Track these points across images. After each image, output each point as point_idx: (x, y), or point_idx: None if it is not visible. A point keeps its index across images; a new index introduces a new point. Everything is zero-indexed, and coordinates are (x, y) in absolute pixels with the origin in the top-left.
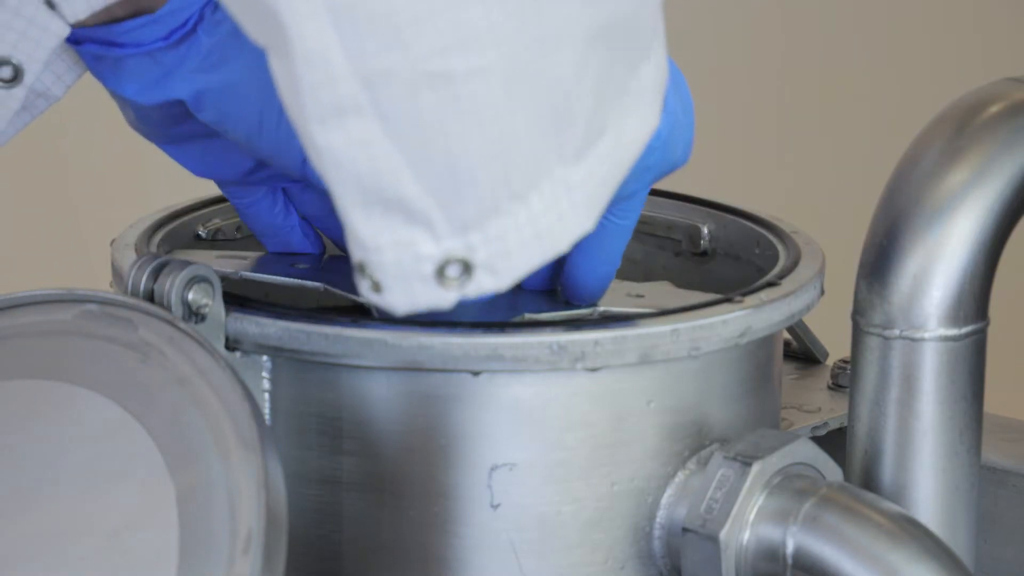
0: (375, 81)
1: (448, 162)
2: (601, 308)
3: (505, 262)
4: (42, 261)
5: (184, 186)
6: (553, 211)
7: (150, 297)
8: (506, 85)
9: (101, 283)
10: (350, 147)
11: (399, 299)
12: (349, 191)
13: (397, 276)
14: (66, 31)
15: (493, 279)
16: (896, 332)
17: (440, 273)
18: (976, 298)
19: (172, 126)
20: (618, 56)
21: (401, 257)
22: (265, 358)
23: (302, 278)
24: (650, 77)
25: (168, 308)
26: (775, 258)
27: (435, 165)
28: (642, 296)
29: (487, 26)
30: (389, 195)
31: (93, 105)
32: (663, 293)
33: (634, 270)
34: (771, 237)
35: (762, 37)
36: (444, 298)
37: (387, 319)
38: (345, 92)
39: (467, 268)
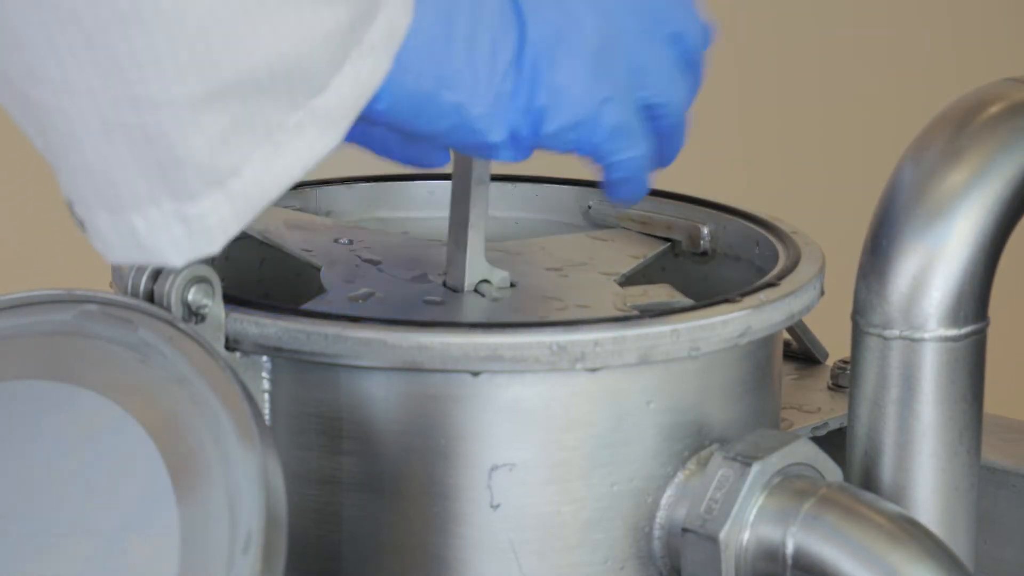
0: None
1: (54, 150)
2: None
3: (102, 247)
4: (42, 261)
5: None
6: (161, 234)
7: (150, 297)
8: (95, 128)
9: (101, 283)
10: None
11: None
12: None
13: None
14: None
15: (99, 246)
16: (896, 332)
17: (70, 208)
18: (976, 298)
19: None
20: (262, 103)
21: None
22: (265, 358)
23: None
24: (326, 106)
25: (168, 308)
26: (775, 258)
27: (48, 141)
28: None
29: (61, 77)
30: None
31: None
32: (664, 297)
33: (634, 271)
34: (771, 237)
35: (762, 37)
36: (78, 228)
37: (387, 320)
38: None
39: (82, 224)
